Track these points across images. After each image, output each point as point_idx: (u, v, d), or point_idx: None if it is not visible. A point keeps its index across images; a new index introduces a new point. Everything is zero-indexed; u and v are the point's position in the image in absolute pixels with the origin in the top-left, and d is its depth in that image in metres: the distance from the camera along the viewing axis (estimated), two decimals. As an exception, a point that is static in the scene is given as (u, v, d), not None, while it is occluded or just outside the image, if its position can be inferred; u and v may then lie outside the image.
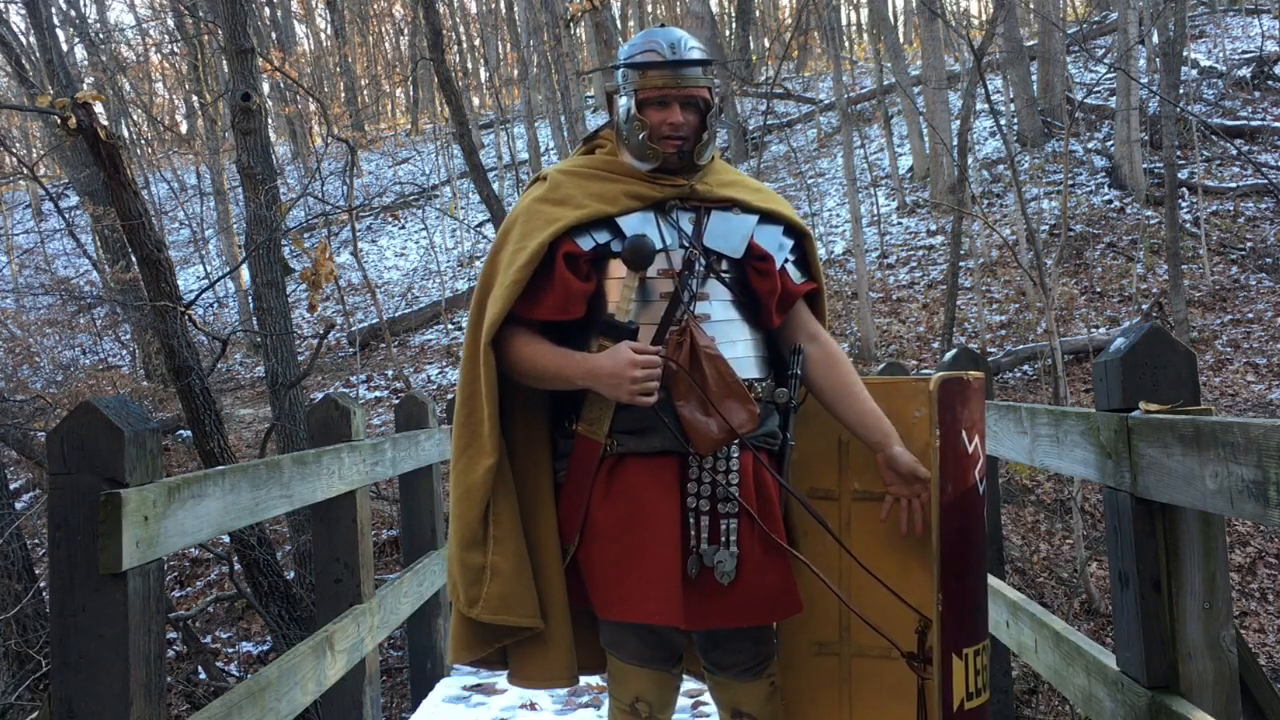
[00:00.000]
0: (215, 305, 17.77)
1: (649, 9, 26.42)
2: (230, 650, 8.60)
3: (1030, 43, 18.60)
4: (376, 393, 13.14)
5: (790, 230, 2.33)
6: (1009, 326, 12.60)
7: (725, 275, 2.23)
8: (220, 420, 5.63)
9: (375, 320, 14.90)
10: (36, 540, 9.10)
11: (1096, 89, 16.85)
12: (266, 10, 26.18)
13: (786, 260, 2.29)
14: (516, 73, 26.11)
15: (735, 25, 25.27)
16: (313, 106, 22.49)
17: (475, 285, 2.28)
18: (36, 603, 7.37)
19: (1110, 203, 14.95)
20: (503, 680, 2.88)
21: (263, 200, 7.10)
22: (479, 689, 4.27)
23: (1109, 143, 16.27)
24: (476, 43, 29.32)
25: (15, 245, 20.18)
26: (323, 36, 29.74)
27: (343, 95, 26.60)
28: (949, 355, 3.69)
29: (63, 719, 1.89)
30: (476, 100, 28.08)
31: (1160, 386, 2.06)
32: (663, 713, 2.29)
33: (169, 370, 5.77)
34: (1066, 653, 2.55)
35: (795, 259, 2.32)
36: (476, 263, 17.22)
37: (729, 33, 25.18)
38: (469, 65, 28.98)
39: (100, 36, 22.46)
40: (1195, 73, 17.03)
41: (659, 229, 2.21)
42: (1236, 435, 1.60)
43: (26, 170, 10.73)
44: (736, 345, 2.20)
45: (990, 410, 3.07)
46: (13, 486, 9.90)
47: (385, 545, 9.00)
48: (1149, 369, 2.07)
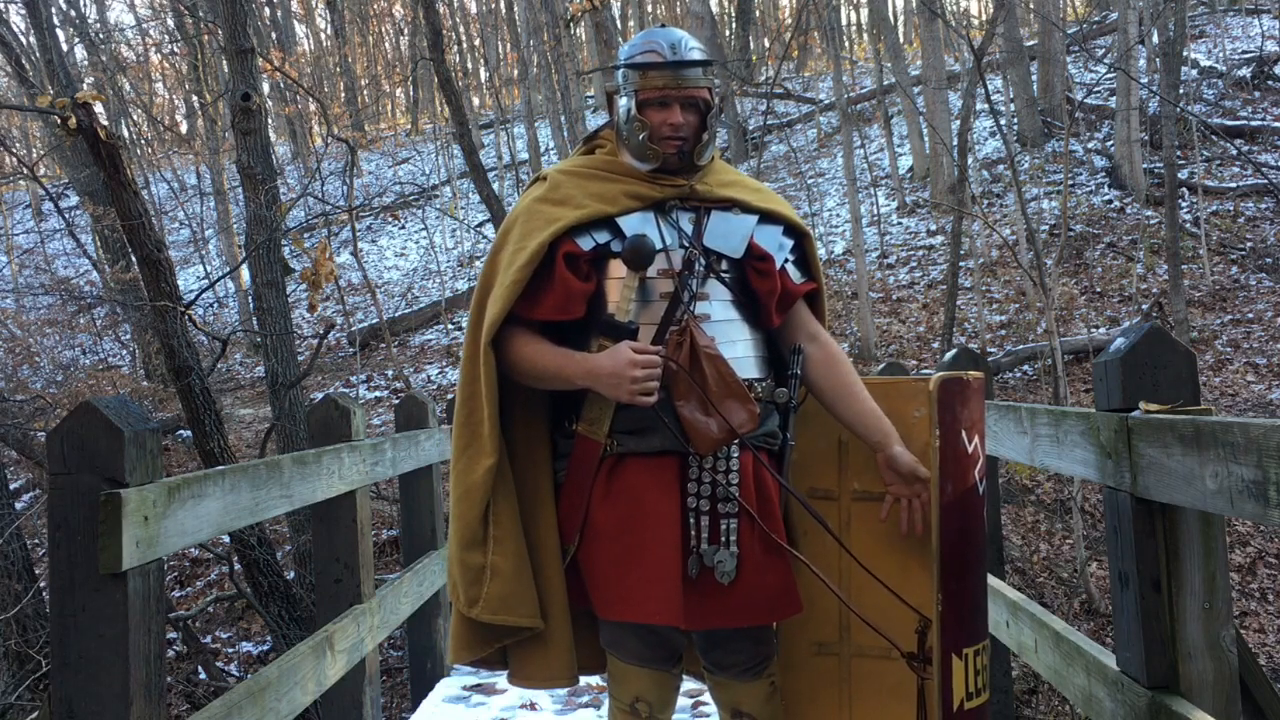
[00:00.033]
0: (215, 305, 17.77)
1: (649, 9, 26.42)
2: (230, 650, 8.60)
3: (1030, 43, 18.60)
4: (376, 393, 13.14)
5: (790, 230, 2.33)
6: (1009, 326, 12.60)
7: (725, 275, 2.23)
8: (220, 420, 5.63)
9: (375, 320, 14.90)
10: (36, 540, 9.10)
11: (1096, 89, 16.85)
12: (266, 10, 26.18)
13: (786, 260, 2.29)
14: (516, 73, 26.11)
15: (735, 25, 25.27)
16: (313, 106, 22.50)
17: (475, 285, 2.28)
18: (36, 603, 7.37)
19: (1110, 203, 14.95)
20: (503, 680, 2.88)
21: (263, 200, 7.10)
22: (479, 689, 4.27)
23: (1109, 143, 16.26)
24: (476, 43, 29.33)
25: (15, 245, 20.18)
26: (323, 36, 29.76)
27: (343, 95, 26.60)
28: (949, 355, 3.69)
29: (63, 719, 1.89)
30: (476, 100, 28.07)
31: (1160, 386, 2.06)
32: (663, 713, 2.29)
33: (169, 370, 5.77)
34: (1066, 653, 2.55)
35: (795, 259, 2.33)
36: (476, 263, 17.22)
37: (729, 33, 25.18)
38: (469, 65, 28.99)
39: (100, 36, 22.46)
40: (1195, 73, 17.03)
41: (659, 229, 2.21)
42: (1236, 435, 1.60)
43: (26, 170, 10.73)
44: (736, 345, 2.20)
45: (990, 410, 3.07)
46: (13, 486, 9.90)
47: (385, 545, 9.00)
48: (1149, 369, 2.07)
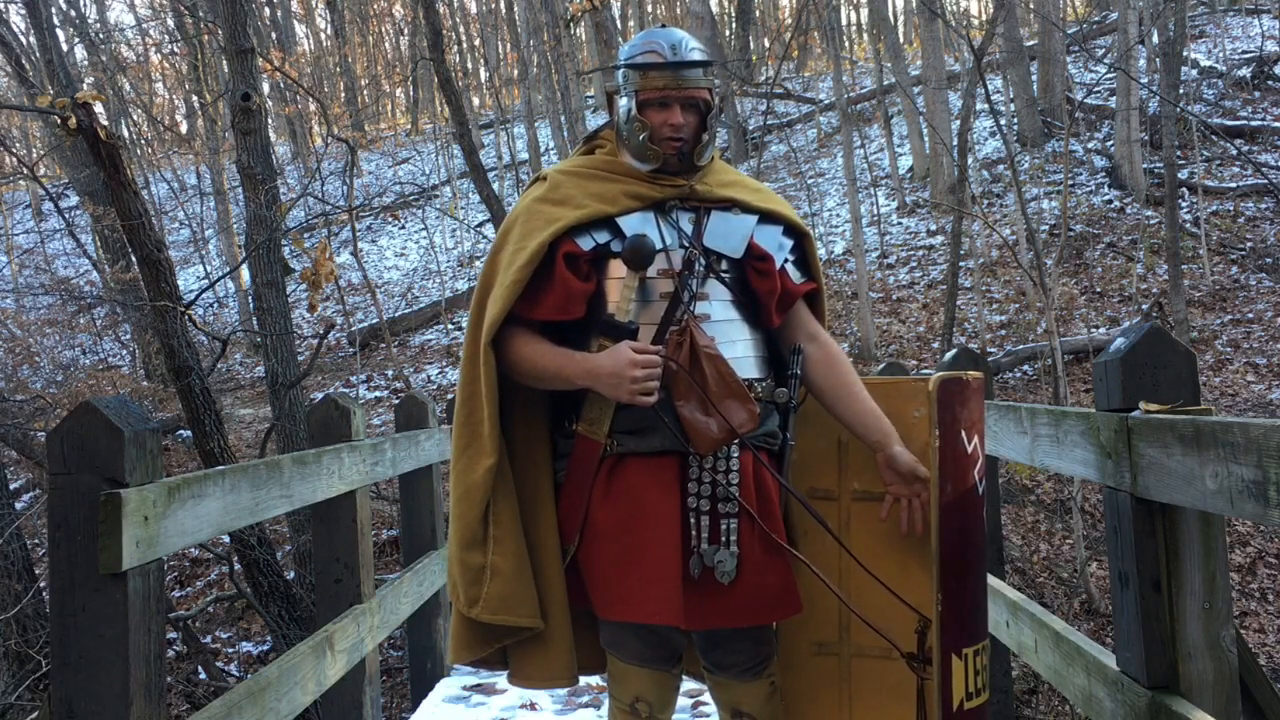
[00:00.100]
0: (215, 305, 17.77)
1: (649, 9, 26.42)
2: (230, 650, 8.59)
3: (1030, 43, 18.59)
4: (376, 393, 13.14)
5: (790, 230, 2.33)
6: (1009, 326, 12.60)
7: (725, 275, 2.23)
8: (220, 420, 5.63)
9: (375, 320, 14.90)
10: (36, 540, 9.10)
11: (1096, 89, 16.85)
12: (266, 10, 26.18)
13: (786, 260, 2.29)
14: (516, 73, 26.10)
15: (735, 25, 25.27)
16: (313, 106, 22.49)
17: (475, 285, 2.28)
18: (36, 603, 7.37)
19: (1110, 203, 14.95)
20: (503, 680, 2.88)
21: (263, 200, 7.10)
22: (479, 689, 4.27)
23: (1109, 143, 16.26)
24: (476, 43, 29.33)
25: (15, 245, 20.18)
26: (323, 36, 29.76)
27: (343, 95, 26.60)
28: (949, 355, 3.69)
29: (63, 719, 1.89)
30: (476, 100, 28.07)
31: (1160, 386, 2.06)
32: (663, 713, 2.29)
33: (169, 370, 5.77)
34: (1066, 653, 2.55)
35: (795, 259, 2.33)
36: (476, 263, 17.22)
37: (729, 33, 25.18)
38: (469, 65, 28.99)
39: (100, 36, 22.46)
40: (1195, 73, 17.03)
41: (659, 229, 2.21)
42: (1236, 435, 1.60)
43: (26, 170, 10.73)
44: (736, 345, 2.20)
45: (990, 410, 3.06)
46: (13, 486, 9.90)
47: (385, 545, 9.00)
48: (1149, 369, 2.07)
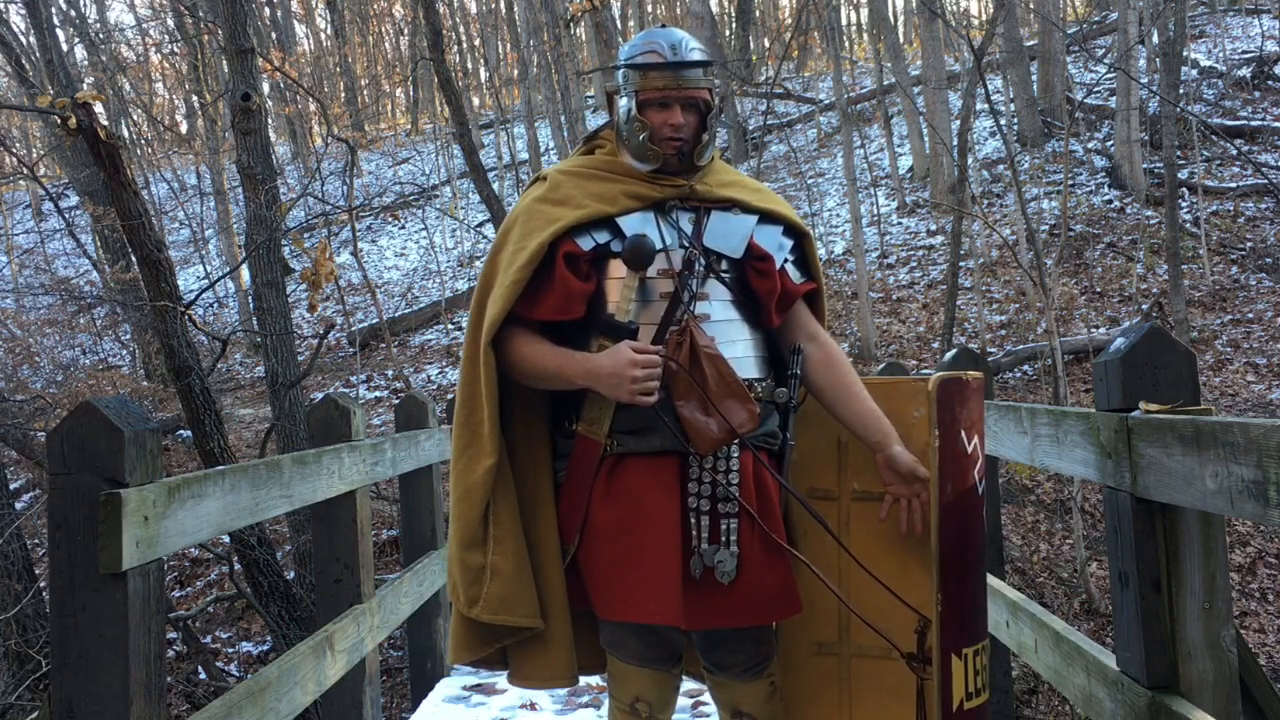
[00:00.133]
0: (215, 305, 17.77)
1: (649, 9, 26.42)
2: (230, 650, 8.59)
3: (1030, 43, 18.59)
4: (376, 393, 13.14)
5: (790, 230, 2.33)
6: (1009, 326, 12.59)
7: (725, 275, 2.23)
8: (220, 420, 5.63)
9: (375, 320, 14.90)
10: (36, 540, 9.10)
11: (1096, 89, 16.85)
12: (266, 10, 26.18)
13: (786, 260, 2.29)
14: (516, 73, 26.10)
15: (735, 25, 25.27)
16: (313, 106, 22.49)
17: (475, 285, 2.28)
18: (36, 603, 7.37)
19: (1110, 203, 14.95)
20: (503, 680, 2.88)
21: (263, 200, 7.10)
22: (479, 689, 4.27)
23: (1109, 143, 16.26)
24: (476, 43, 29.32)
25: (15, 245, 20.17)
26: (323, 36, 29.76)
27: (343, 95, 26.60)
28: (949, 355, 3.69)
29: (63, 719, 1.89)
30: (476, 100, 28.07)
31: (1160, 386, 2.06)
32: (663, 713, 2.29)
33: (169, 370, 5.77)
34: (1066, 653, 2.55)
35: (795, 259, 2.33)
36: (476, 263, 17.22)
37: (729, 33, 25.18)
38: (469, 65, 28.99)
39: (100, 36, 22.45)
40: (1195, 73, 17.02)
41: (659, 229, 2.21)
42: (1236, 435, 1.60)
43: (26, 170, 10.73)
44: (736, 345, 2.20)
45: (990, 410, 3.06)
46: (13, 486, 9.90)
47: (385, 545, 9.00)
48: (1149, 369, 2.07)
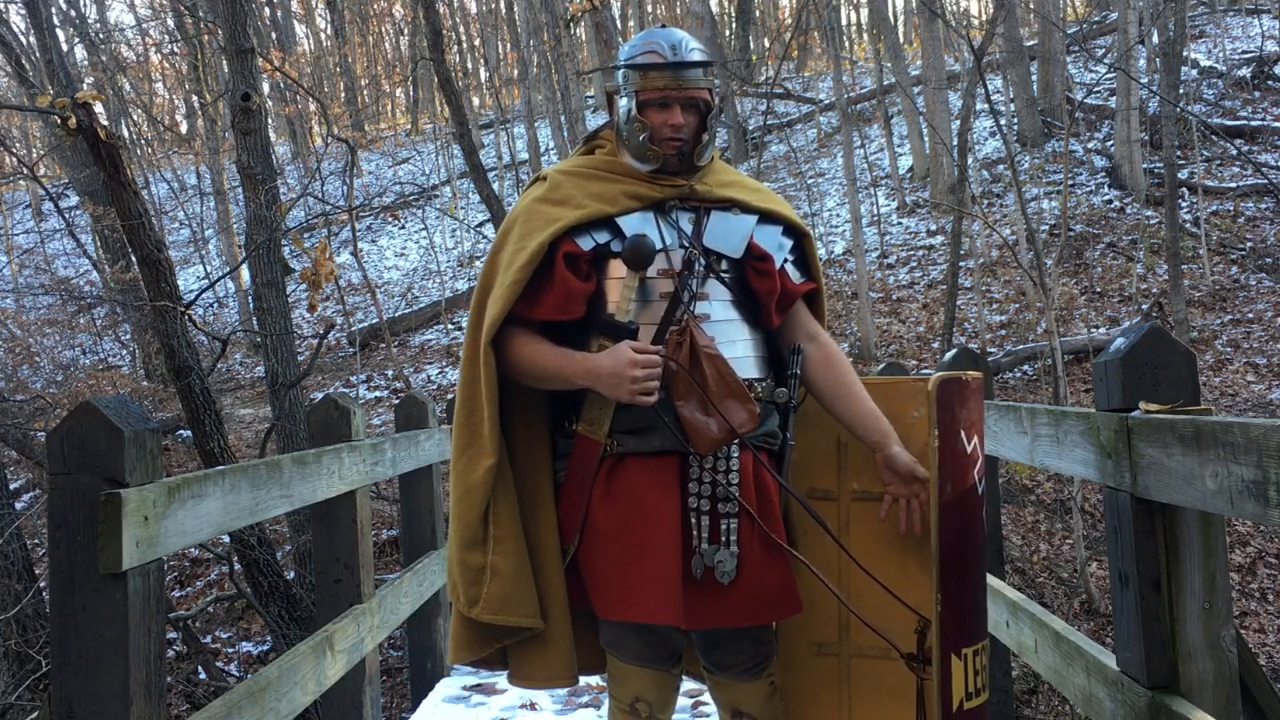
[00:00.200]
0: (215, 305, 17.77)
1: (649, 9, 26.42)
2: (230, 650, 8.59)
3: (1030, 43, 18.59)
4: (376, 393, 13.14)
5: (790, 230, 2.33)
6: (1009, 326, 12.59)
7: (725, 275, 2.23)
8: (220, 420, 5.63)
9: (375, 320, 14.90)
10: (36, 540, 9.10)
11: (1096, 89, 16.85)
12: (266, 10, 26.18)
13: (786, 260, 2.30)
14: (516, 73, 26.10)
15: (735, 25, 25.27)
16: (313, 106, 22.49)
17: (475, 285, 2.28)
18: (36, 603, 7.37)
19: (1110, 203, 14.95)
20: (503, 680, 2.88)
21: (263, 200, 7.10)
22: (479, 689, 4.27)
23: (1109, 143, 16.26)
24: (476, 43, 29.32)
25: (15, 245, 20.17)
26: (323, 36, 29.76)
27: (343, 95, 26.60)
28: (949, 355, 3.69)
29: (63, 719, 1.89)
30: (476, 100, 28.07)
31: (1160, 386, 2.06)
32: (663, 713, 2.29)
33: (169, 370, 5.77)
34: (1066, 653, 2.55)
35: (794, 259, 2.33)
36: (476, 263, 17.22)
37: (729, 33, 25.18)
38: (469, 65, 28.98)
39: (100, 36, 22.45)
40: (1195, 73, 17.02)
41: (659, 229, 2.21)
42: (1236, 435, 1.60)
43: (26, 170, 10.73)
44: (736, 345, 2.20)
45: (990, 410, 3.06)
46: (13, 486, 9.89)
47: (385, 545, 9.00)
48: (1149, 369, 2.07)
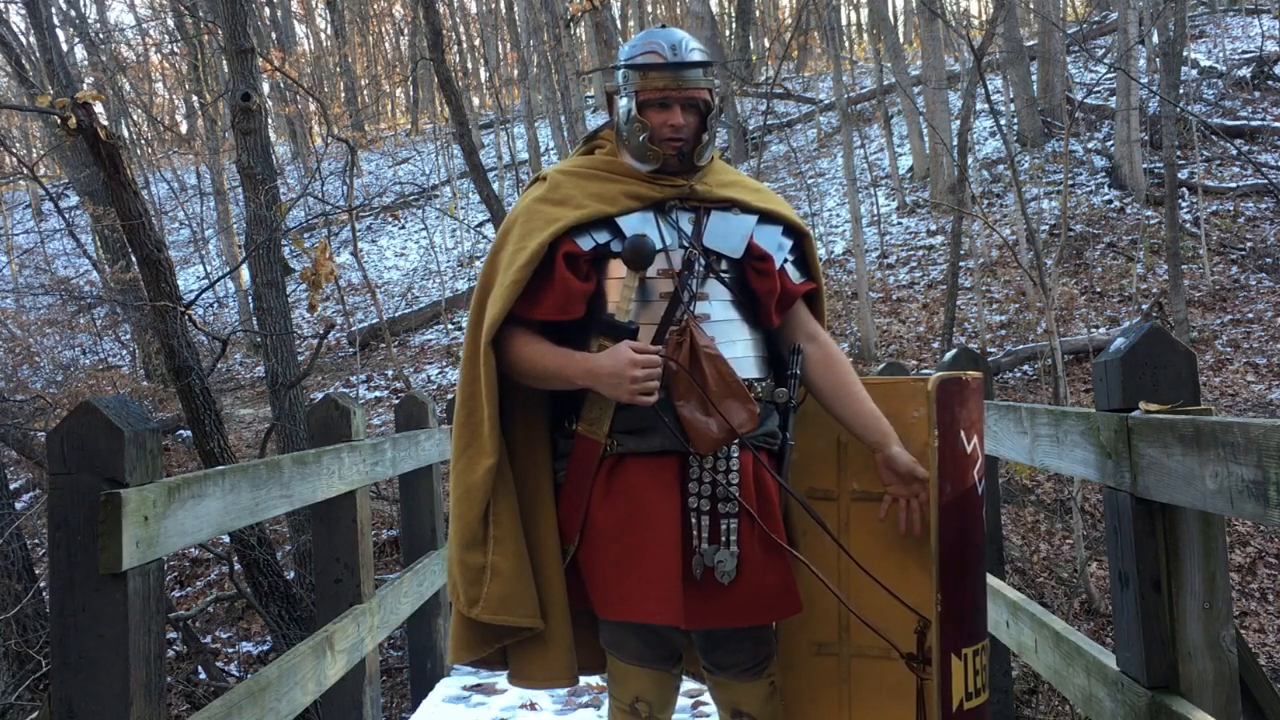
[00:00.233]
0: (215, 305, 17.77)
1: (649, 9, 26.42)
2: (230, 650, 8.59)
3: (1030, 43, 18.59)
4: (376, 393, 13.14)
5: (789, 230, 2.33)
6: (1009, 326, 12.59)
7: (725, 275, 2.23)
8: (220, 420, 5.63)
9: (375, 320, 14.90)
10: (36, 540, 9.10)
11: (1096, 89, 16.85)
12: (266, 10, 26.18)
13: (786, 260, 2.30)
14: (516, 73, 26.10)
15: (735, 25, 25.27)
16: (313, 106, 22.49)
17: (475, 285, 2.28)
18: (36, 603, 7.37)
19: (1110, 203, 14.95)
20: (503, 680, 2.88)
21: (263, 200, 7.10)
22: (479, 689, 4.27)
23: (1109, 143, 16.26)
24: (476, 43, 29.32)
25: (15, 245, 20.17)
26: (323, 36, 29.76)
27: (343, 95, 26.60)
28: (949, 355, 3.69)
29: (63, 719, 1.89)
30: (476, 100, 28.07)
31: (1160, 386, 2.06)
32: (663, 713, 2.29)
33: (169, 370, 5.77)
34: (1066, 653, 2.55)
35: (794, 259, 2.33)
36: (476, 263, 17.22)
37: (729, 33, 25.18)
38: (469, 65, 28.99)
39: (100, 36, 22.45)
40: (1195, 73, 17.02)
41: (659, 229, 2.21)
42: (1236, 435, 1.60)
43: (26, 170, 10.73)
44: (736, 345, 2.20)
45: (990, 410, 3.06)
46: (13, 486, 9.89)
47: (385, 545, 9.00)
48: (1149, 369, 2.07)
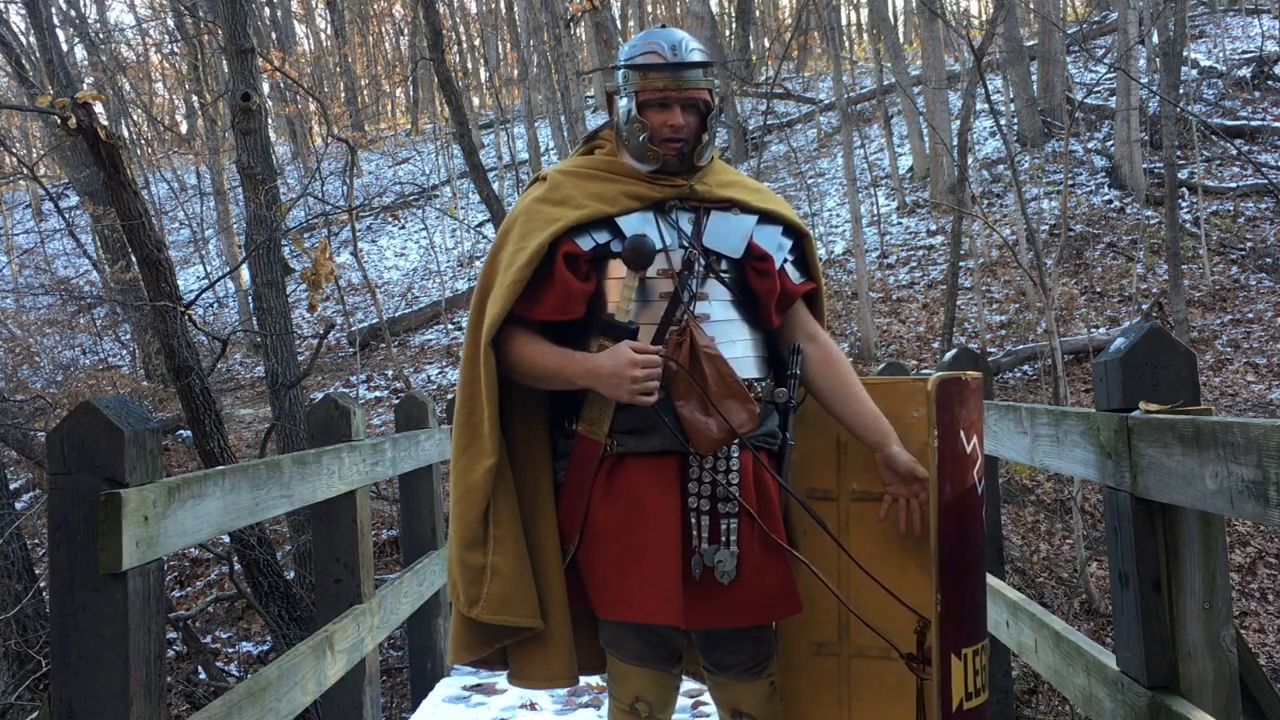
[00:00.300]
0: (215, 305, 17.77)
1: (649, 9, 26.42)
2: (230, 650, 8.59)
3: (1030, 43, 18.59)
4: (376, 393, 13.14)
5: (789, 230, 2.33)
6: (1009, 326, 12.59)
7: (725, 275, 2.23)
8: (220, 420, 5.63)
9: (375, 320, 14.90)
10: (36, 540, 9.10)
11: (1096, 89, 16.85)
12: (266, 10, 26.18)
13: (785, 260, 2.30)
14: (516, 73, 26.10)
15: (735, 25, 25.27)
16: (313, 106, 22.49)
17: (475, 285, 2.28)
18: (36, 603, 7.37)
19: (1110, 203, 14.95)
20: (503, 680, 2.88)
21: (263, 200, 7.10)
22: (479, 689, 4.27)
23: (1109, 143, 16.26)
24: (476, 43, 29.32)
25: (15, 245, 20.17)
26: (323, 36, 29.76)
27: (343, 95, 26.60)
28: (949, 355, 3.69)
29: (63, 719, 1.89)
30: (476, 100, 28.07)
31: (1160, 386, 2.06)
32: (663, 713, 2.29)
33: (169, 370, 5.78)
34: (1066, 653, 2.55)
35: (794, 259, 2.33)
36: (476, 263, 17.22)
37: (729, 33, 25.18)
38: (469, 65, 28.99)
39: (100, 36, 22.45)
40: (1195, 73, 17.02)
41: (658, 229, 2.21)
42: (1236, 435, 1.60)
43: (26, 170, 10.73)
44: (736, 345, 2.20)
45: (990, 410, 3.06)
46: (13, 486, 9.89)
47: (385, 545, 9.00)
48: (1149, 369, 2.07)
